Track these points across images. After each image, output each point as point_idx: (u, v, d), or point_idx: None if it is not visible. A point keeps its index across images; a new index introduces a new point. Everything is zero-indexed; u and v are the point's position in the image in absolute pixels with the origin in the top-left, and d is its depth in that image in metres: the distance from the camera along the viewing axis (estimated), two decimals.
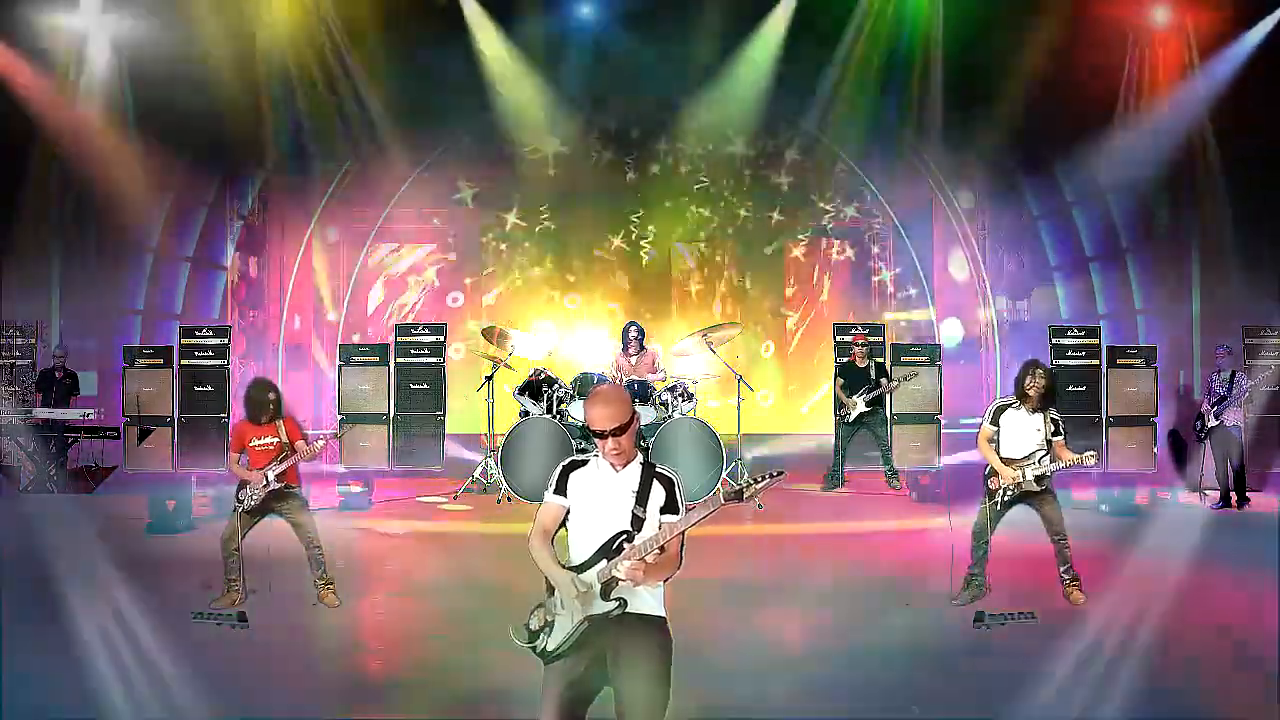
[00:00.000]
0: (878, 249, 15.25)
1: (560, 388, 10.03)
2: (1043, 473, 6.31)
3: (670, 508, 3.44)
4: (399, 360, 11.76)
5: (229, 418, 11.59)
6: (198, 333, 11.97)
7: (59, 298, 13.11)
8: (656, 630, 3.41)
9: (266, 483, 6.29)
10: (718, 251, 15.23)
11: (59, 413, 10.82)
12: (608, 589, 3.35)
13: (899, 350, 12.12)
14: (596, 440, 3.45)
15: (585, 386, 9.91)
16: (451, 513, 9.69)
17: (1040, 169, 14.02)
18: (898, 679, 5.25)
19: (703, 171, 14.97)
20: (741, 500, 3.32)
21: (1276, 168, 11.83)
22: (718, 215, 15.12)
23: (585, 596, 3.35)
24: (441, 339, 11.85)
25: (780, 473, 3.36)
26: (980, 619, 5.89)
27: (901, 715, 4.86)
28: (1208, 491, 10.19)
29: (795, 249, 15.21)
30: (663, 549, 3.32)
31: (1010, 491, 6.36)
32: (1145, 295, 13.72)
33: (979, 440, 6.55)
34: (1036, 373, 6.40)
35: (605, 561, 3.38)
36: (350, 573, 7.00)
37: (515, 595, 3.75)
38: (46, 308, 12.96)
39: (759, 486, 3.29)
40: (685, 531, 3.41)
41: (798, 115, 14.44)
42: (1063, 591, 6.41)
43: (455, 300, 15.03)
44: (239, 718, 4.78)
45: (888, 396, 10.93)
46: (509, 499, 9.74)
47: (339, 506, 9.61)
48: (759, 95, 13.99)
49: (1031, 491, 6.38)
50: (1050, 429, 6.33)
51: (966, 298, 15.06)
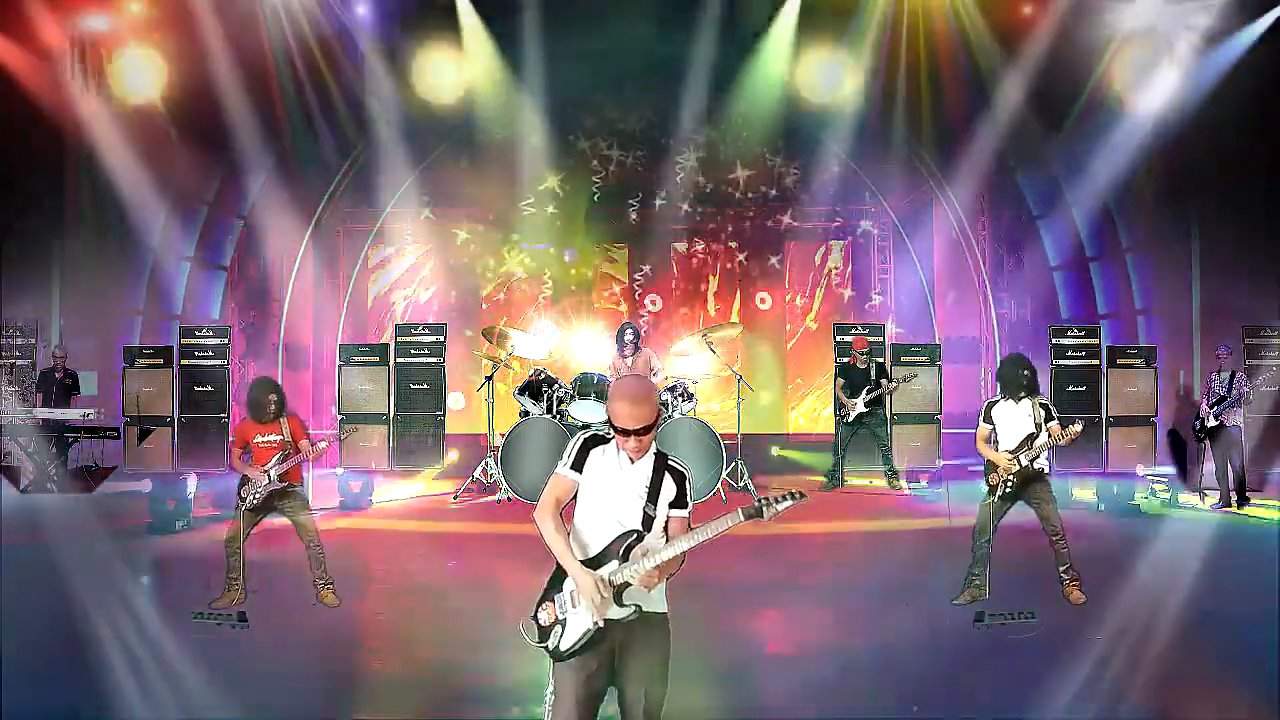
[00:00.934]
0: (878, 249, 15.25)
1: (560, 388, 10.03)
2: (1036, 454, 6.33)
3: (680, 502, 3.46)
4: (399, 360, 11.76)
5: (229, 418, 11.60)
6: (198, 333, 11.97)
7: (59, 298, 13.11)
8: (661, 627, 3.43)
9: (269, 480, 6.31)
10: (716, 253, 15.23)
11: (59, 413, 10.82)
12: (619, 593, 3.35)
13: (899, 350, 12.12)
14: (618, 435, 3.41)
15: (585, 386, 9.90)
16: (452, 513, 9.69)
17: (1040, 169, 14.02)
18: (898, 679, 5.25)
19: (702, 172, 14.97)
20: (762, 518, 3.32)
21: (1277, 168, 11.82)
22: (720, 213, 15.14)
23: (605, 606, 3.32)
24: (441, 339, 11.85)
25: (802, 495, 3.34)
26: (980, 619, 5.89)
27: (901, 716, 4.86)
28: (1207, 492, 10.20)
29: (794, 249, 15.22)
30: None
31: (1010, 482, 6.37)
32: (1145, 295, 13.72)
33: (977, 441, 6.59)
34: (1024, 373, 6.48)
35: (616, 563, 3.36)
36: (350, 572, 7.01)
37: (515, 595, 3.75)
38: (47, 308, 12.97)
39: (779, 507, 3.29)
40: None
41: (797, 113, 14.44)
42: (1062, 591, 6.42)
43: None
44: (239, 718, 4.78)
45: (887, 397, 10.94)
46: (509, 499, 9.74)
47: (339, 506, 9.62)
48: (758, 94, 14.00)
49: (1032, 480, 6.39)
50: (1041, 414, 6.38)
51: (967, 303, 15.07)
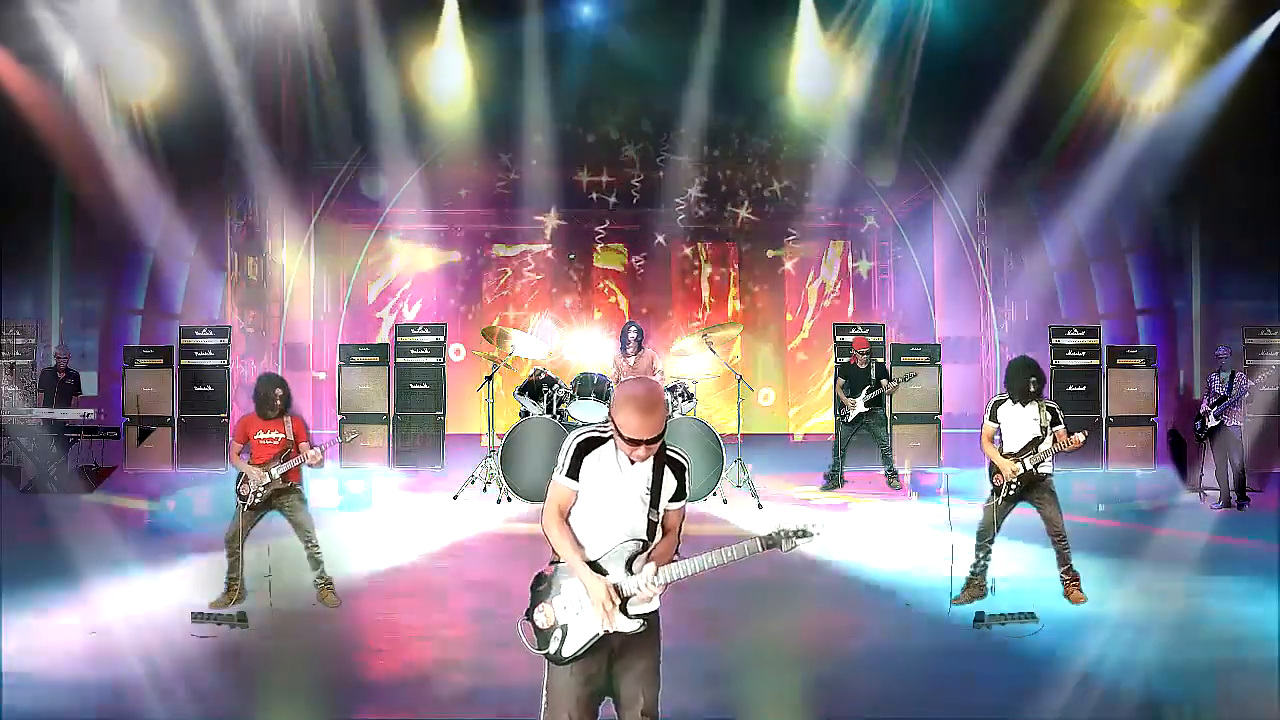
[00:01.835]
0: (877, 250, 15.26)
1: (560, 388, 10.03)
2: (1040, 459, 6.33)
3: (679, 495, 3.41)
4: (399, 360, 11.77)
5: (229, 418, 11.60)
6: (198, 333, 11.98)
7: (59, 298, 13.12)
8: (654, 627, 3.42)
9: (269, 479, 6.29)
10: (716, 253, 15.24)
11: (59, 413, 10.82)
12: (625, 604, 3.32)
13: (899, 350, 12.13)
14: (624, 443, 3.27)
15: (585, 386, 9.90)
16: (451, 513, 9.68)
17: (1040, 169, 14.02)
18: (897, 679, 5.25)
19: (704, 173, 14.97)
20: (780, 549, 3.27)
21: (1277, 167, 11.83)
22: (720, 212, 15.14)
23: (612, 616, 3.29)
24: (441, 339, 11.86)
25: (818, 532, 3.31)
26: (980, 619, 5.89)
27: (902, 715, 4.86)
28: (1208, 492, 10.20)
29: (795, 250, 15.22)
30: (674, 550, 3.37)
31: (1014, 485, 6.38)
32: (1145, 295, 13.72)
33: (982, 440, 6.59)
34: (1032, 380, 6.48)
35: (624, 573, 3.33)
36: (350, 573, 7.01)
37: (516, 595, 3.74)
38: (47, 308, 12.97)
39: (796, 541, 3.25)
40: (682, 525, 3.46)
41: (798, 114, 14.45)
42: (1063, 591, 6.42)
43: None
44: (240, 718, 4.78)
45: (888, 397, 10.93)
46: (509, 499, 9.74)
47: (339, 506, 9.61)
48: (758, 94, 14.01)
49: (1036, 482, 6.39)
50: (1047, 418, 6.37)
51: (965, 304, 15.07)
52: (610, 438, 3.36)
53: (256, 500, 6.31)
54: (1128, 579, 6.92)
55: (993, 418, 6.54)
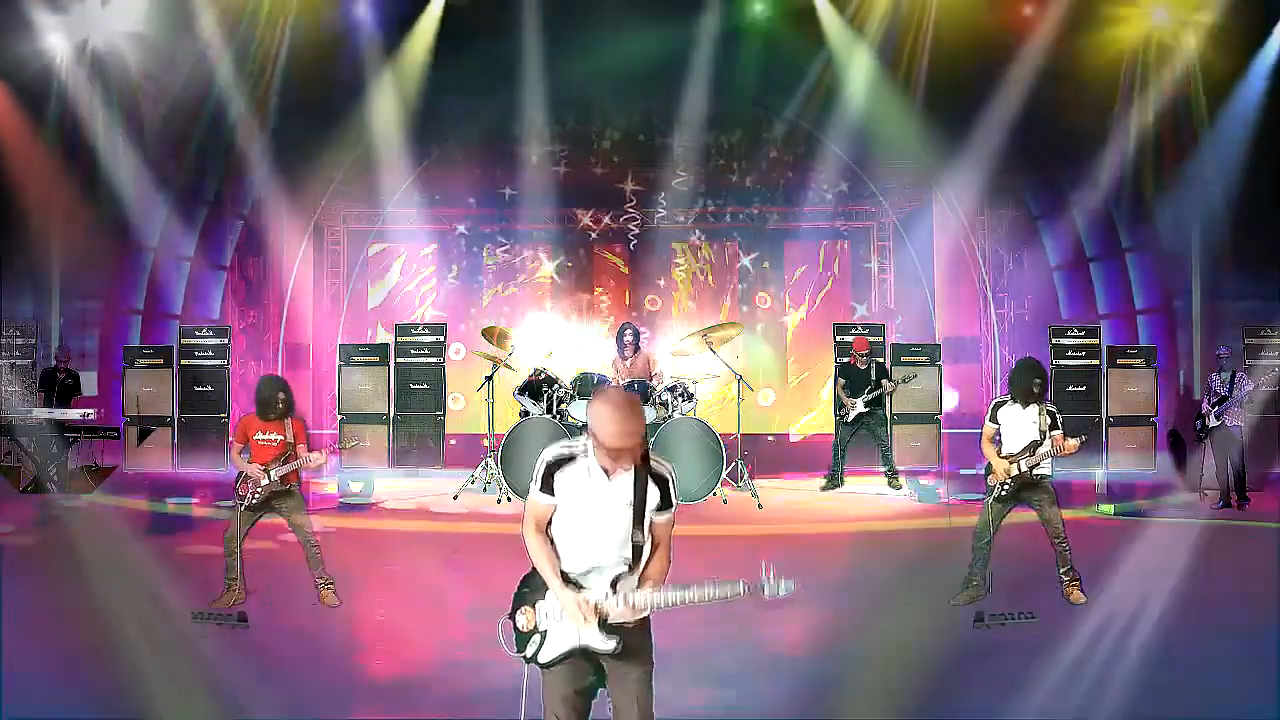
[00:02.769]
0: (877, 249, 15.25)
1: (560, 388, 10.03)
2: (1036, 462, 6.33)
3: (665, 504, 3.33)
4: (399, 360, 11.77)
5: (229, 418, 11.60)
6: (198, 333, 11.98)
7: (59, 298, 13.12)
8: (645, 630, 3.41)
9: (268, 480, 6.28)
10: (716, 252, 15.22)
11: (59, 413, 10.81)
12: (603, 622, 3.28)
13: (899, 350, 12.12)
14: (601, 451, 3.24)
15: (585, 386, 9.90)
16: (451, 513, 9.68)
17: (1040, 169, 14.02)
18: (898, 679, 5.25)
19: (704, 169, 14.96)
20: (763, 596, 3.21)
21: (1277, 167, 11.84)
22: (720, 214, 15.13)
23: (587, 625, 3.27)
24: (441, 339, 11.86)
25: (799, 586, 3.26)
26: (980, 619, 5.89)
27: (902, 716, 4.86)
28: (1208, 492, 10.19)
29: (795, 249, 15.22)
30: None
31: (1008, 485, 6.38)
32: (1145, 295, 13.72)
33: (982, 440, 6.60)
34: (1036, 381, 6.48)
35: (607, 591, 3.27)
36: (350, 572, 7.00)
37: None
38: (47, 308, 12.97)
39: (781, 591, 3.20)
40: (671, 535, 3.41)
41: (797, 115, 14.45)
42: (1063, 591, 6.42)
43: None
44: (239, 718, 4.78)
45: (888, 397, 10.94)
46: (509, 499, 9.74)
47: (339, 506, 9.62)
48: (758, 94, 14.00)
49: (1031, 484, 6.39)
50: (1046, 421, 6.38)
51: (965, 300, 15.06)
52: (580, 456, 3.31)
53: (254, 501, 6.30)
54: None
55: (993, 419, 6.56)
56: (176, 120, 12.90)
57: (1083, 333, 11.81)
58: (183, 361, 11.77)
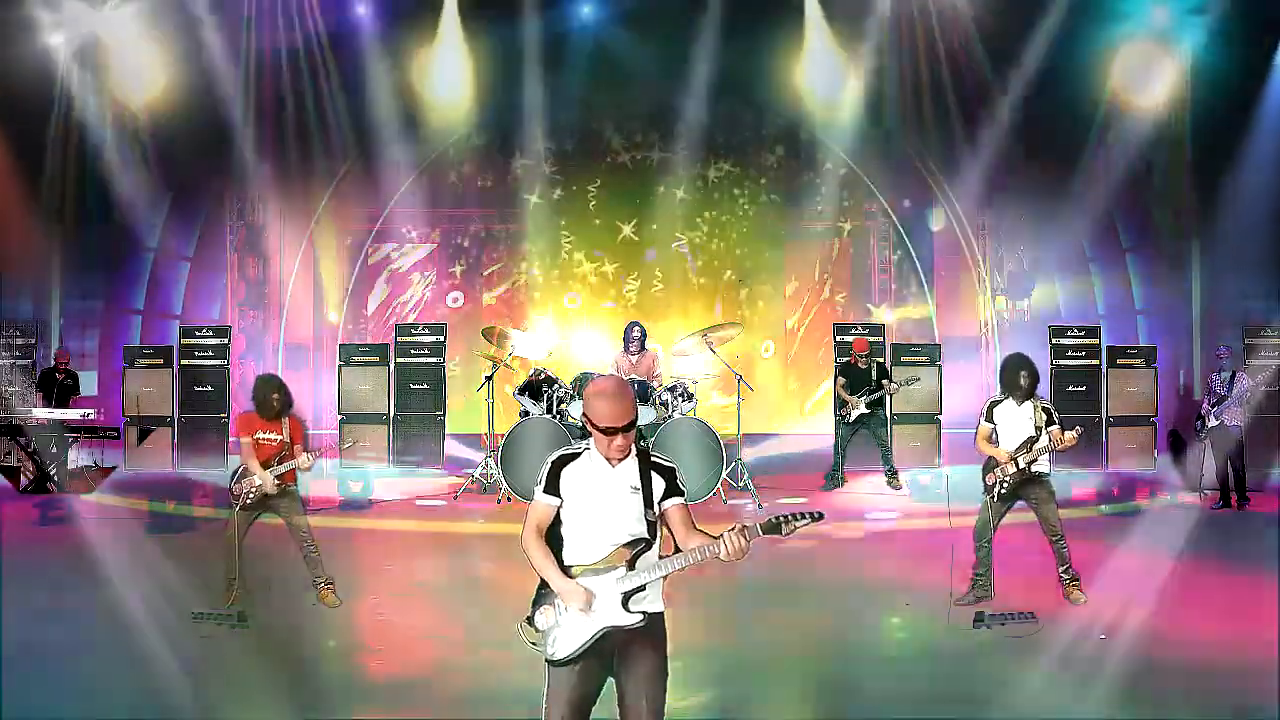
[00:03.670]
0: (878, 248, 15.25)
1: (560, 388, 10.03)
2: (1034, 458, 6.32)
3: (671, 492, 3.45)
4: (399, 360, 11.76)
5: (229, 418, 11.59)
6: (198, 333, 11.97)
7: (59, 298, 13.13)
8: (659, 627, 3.43)
9: (269, 482, 6.25)
10: (718, 252, 15.22)
11: (59, 413, 10.82)
12: (627, 600, 3.34)
13: (899, 350, 12.11)
14: (598, 435, 3.37)
15: (585, 386, 9.89)
16: (451, 513, 9.68)
17: (1041, 169, 14.01)
18: (897, 679, 5.25)
19: (707, 170, 14.95)
20: (779, 534, 3.31)
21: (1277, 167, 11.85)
22: (720, 213, 15.12)
23: (594, 605, 3.31)
24: (442, 339, 11.85)
25: (821, 515, 3.37)
26: (980, 619, 5.89)
27: (902, 716, 4.86)
28: (1207, 492, 10.19)
29: (794, 249, 15.22)
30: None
31: (1007, 482, 6.36)
32: (1145, 295, 13.71)
33: (978, 440, 6.58)
34: (1022, 373, 6.47)
35: (624, 570, 3.34)
36: (350, 573, 7.00)
37: (516, 595, 3.74)
38: (47, 308, 12.98)
39: (798, 524, 3.29)
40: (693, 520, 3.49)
41: (798, 114, 14.43)
42: (1063, 591, 6.42)
43: (456, 300, 14.92)
44: (239, 718, 4.78)
45: (888, 398, 10.93)
46: (509, 499, 9.73)
47: (339, 507, 9.62)
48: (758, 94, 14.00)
49: (1030, 481, 6.38)
50: (1042, 417, 6.36)
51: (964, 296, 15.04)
52: (583, 453, 3.44)
53: (249, 500, 6.29)
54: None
55: (989, 418, 6.53)
56: (176, 120, 12.91)
57: (1083, 333, 11.80)
58: (183, 361, 11.76)
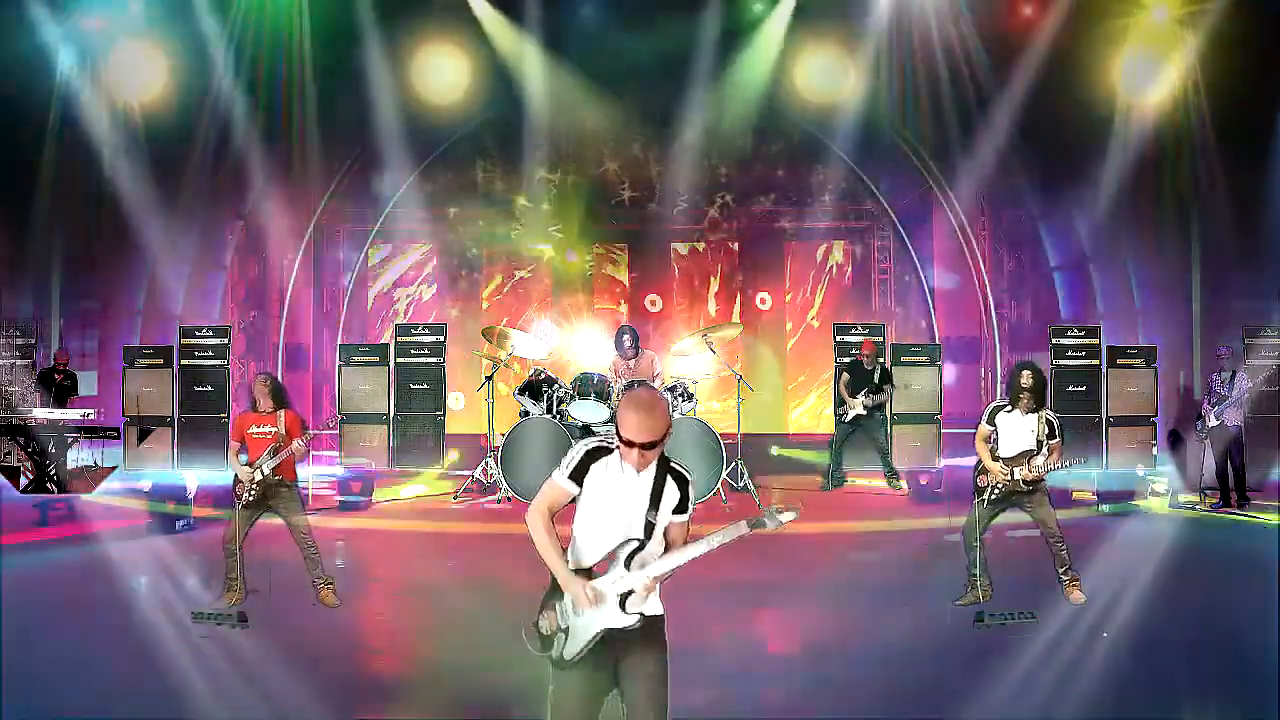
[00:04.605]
0: (878, 249, 15.26)
1: (560, 388, 10.02)
2: (1030, 474, 6.27)
3: (682, 507, 3.45)
4: (399, 360, 11.76)
5: (229, 418, 11.59)
6: (198, 333, 11.97)
7: (59, 298, 13.12)
8: (659, 630, 3.43)
9: (260, 475, 6.26)
10: (716, 252, 15.22)
11: (59, 413, 10.81)
12: (624, 601, 3.35)
13: (899, 350, 12.11)
14: (624, 446, 3.32)
15: (585, 386, 9.89)
16: (452, 513, 9.69)
17: (1042, 169, 14.00)
18: (897, 679, 5.25)
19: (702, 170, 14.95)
20: (766, 529, 3.35)
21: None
22: (721, 213, 15.12)
23: (599, 608, 3.32)
24: (441, 339, 11.85)
25: (800, 507, 3.42)
26: (980, 619, 5.89)
27: (901, 716, 4.86)
28: (1208, 491, 10.19)
29: (794, 249, 15.21)
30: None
31: (997, 490, 6.34)
32: (1145, 295, 13.71)
33: (976, 440, 6.57)
34: (1024, 374, 6.44)
35: (621, 570, 3.35)
36: (350, 572, 7.01)
37: (516, 595, 3.74)
38: (47, 308, 12.97)
39: (783, 519, 3.33)
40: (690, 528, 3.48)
41: (797, 114, 14.43)
42: (1063, 591, 6.41)
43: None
44: (239, 718, 4.78)
45: (887, 401, 10.93)
46: (509, 499, 9.74)
47: (338, 507, 9.61)
48: (758, 95, 13.99)
49: (1020, 493, 6.36)
50: (1045, 430, 6.32)
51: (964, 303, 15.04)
52: (616, 449, 3.40)
53: (250, 498, 6.29)
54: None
55: (990, 421, 6.50)
56: (178, 121, 12.90)
57: (1083, 333, 11.80)
58: (183, 361, 11.76)
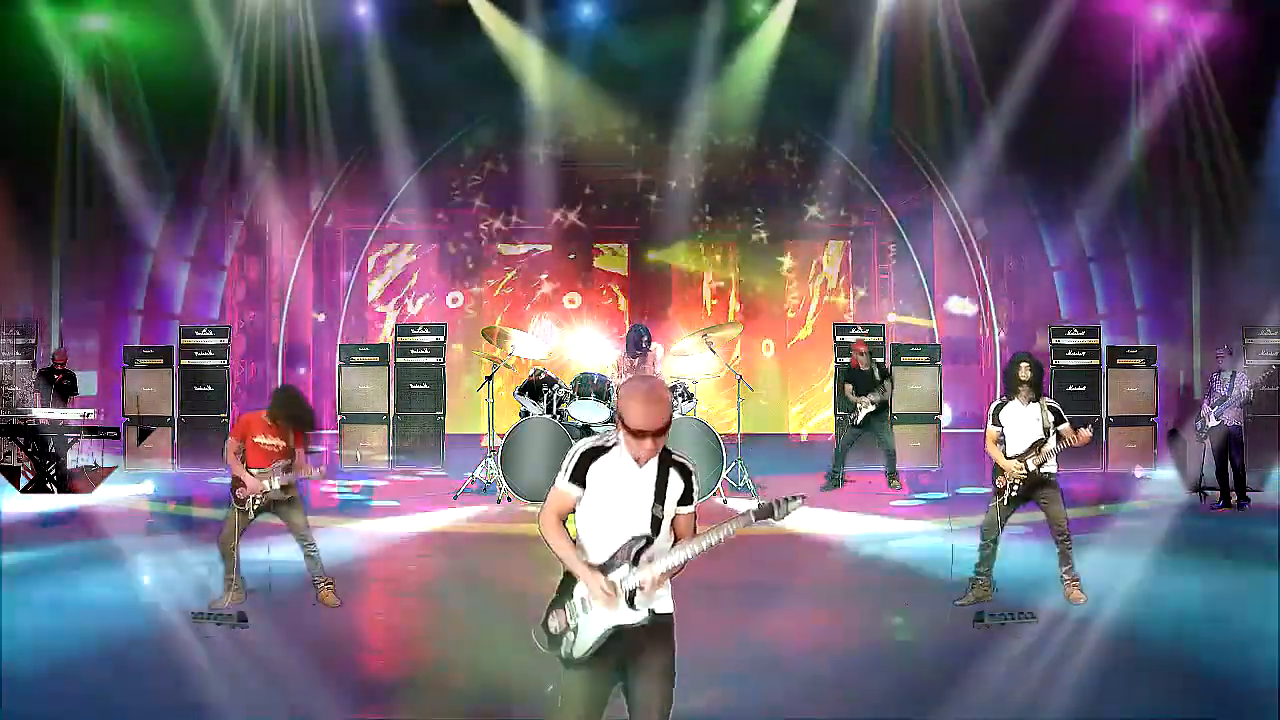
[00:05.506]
0: (877, 250, 15.27)
1: (560, 388, 10.02)
2: (1044, 459, 6.30)
3: (686, 499, 3.44)
4: (399, 360, 11.77)
5: (229, 418, 11.59)
6: (198, 333, 11.98)
7: (59, 298, 13.12)
8: (667, 628, 3.43)
9: (268, 489, 6.17)
10: (716, 253, 15.23)
11: (59, 413, 10.80)
12: (631, 597, 3.34)
13: (899, 350, 12.12)
14: (628, 436, 3.30)
15: (585, 386, 9.89)
16: (451, 513, 9.68)
17: (1043, 170, 14.01)
18: (897, 679, 5.25)
19: (703, 171, 14.96)
20: (773, 518, 3.34)
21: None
22: (720, 212, 15.14)
23: (614, 604, 3.31)
24: (441, 339, 11.86)
25: (804, 496, 3.43)
26: (980, 619, 5.89)
27: (901, 716, 4.86)
28: (1208, 491, 10.19)
29: (794, 249, 15.22)
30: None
31: (1018, 486, 6.35)
32: (1145, 295, 13.72)
33: (986, 444, 6.57)
34: (1023, 366, 6.47)
35: (627, 567, 3.34)
36: (350, 573, 7.00)
37: (516, 595, 3.75)
38: (47, 308, 12.97)
39: (790, 507, 3.31)
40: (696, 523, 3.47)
41: (797, 115, 14.44)
42: (1063, 592, 6.41)
43: (455, 301, 14.97)
44: (239, 718, 4.78)
45: (889, 399, 10.94)
46: (509, 499, 9.73)
47: (339, 506, 9.62)
48: (758, 95, 14.01)
49: (1039, 483, 6.37)
50: (1050, 417, 6.35)
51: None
52: (614, 447, 3.38)
53: (254, 509, 6.24)
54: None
55: (995, 421, 6.50)
56: (178, 120, 12.91)
57: (1083, 333, 11.81)
58: (183, 361, 11.77)
